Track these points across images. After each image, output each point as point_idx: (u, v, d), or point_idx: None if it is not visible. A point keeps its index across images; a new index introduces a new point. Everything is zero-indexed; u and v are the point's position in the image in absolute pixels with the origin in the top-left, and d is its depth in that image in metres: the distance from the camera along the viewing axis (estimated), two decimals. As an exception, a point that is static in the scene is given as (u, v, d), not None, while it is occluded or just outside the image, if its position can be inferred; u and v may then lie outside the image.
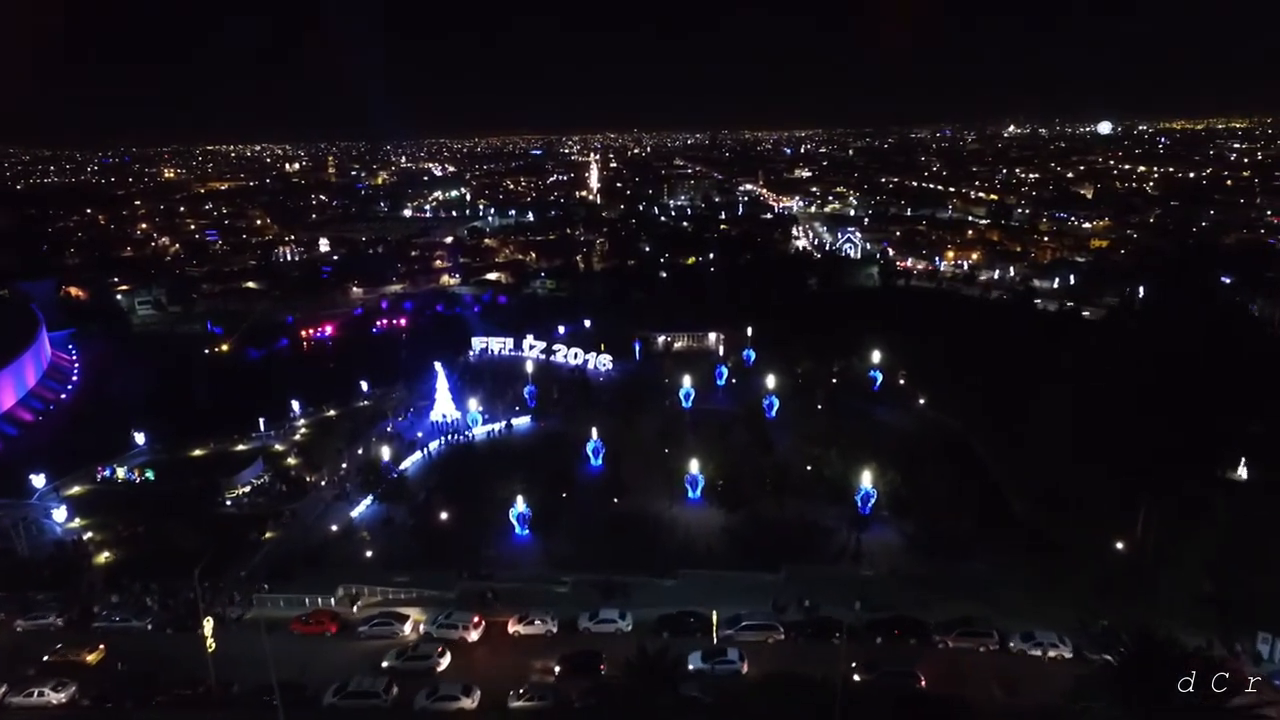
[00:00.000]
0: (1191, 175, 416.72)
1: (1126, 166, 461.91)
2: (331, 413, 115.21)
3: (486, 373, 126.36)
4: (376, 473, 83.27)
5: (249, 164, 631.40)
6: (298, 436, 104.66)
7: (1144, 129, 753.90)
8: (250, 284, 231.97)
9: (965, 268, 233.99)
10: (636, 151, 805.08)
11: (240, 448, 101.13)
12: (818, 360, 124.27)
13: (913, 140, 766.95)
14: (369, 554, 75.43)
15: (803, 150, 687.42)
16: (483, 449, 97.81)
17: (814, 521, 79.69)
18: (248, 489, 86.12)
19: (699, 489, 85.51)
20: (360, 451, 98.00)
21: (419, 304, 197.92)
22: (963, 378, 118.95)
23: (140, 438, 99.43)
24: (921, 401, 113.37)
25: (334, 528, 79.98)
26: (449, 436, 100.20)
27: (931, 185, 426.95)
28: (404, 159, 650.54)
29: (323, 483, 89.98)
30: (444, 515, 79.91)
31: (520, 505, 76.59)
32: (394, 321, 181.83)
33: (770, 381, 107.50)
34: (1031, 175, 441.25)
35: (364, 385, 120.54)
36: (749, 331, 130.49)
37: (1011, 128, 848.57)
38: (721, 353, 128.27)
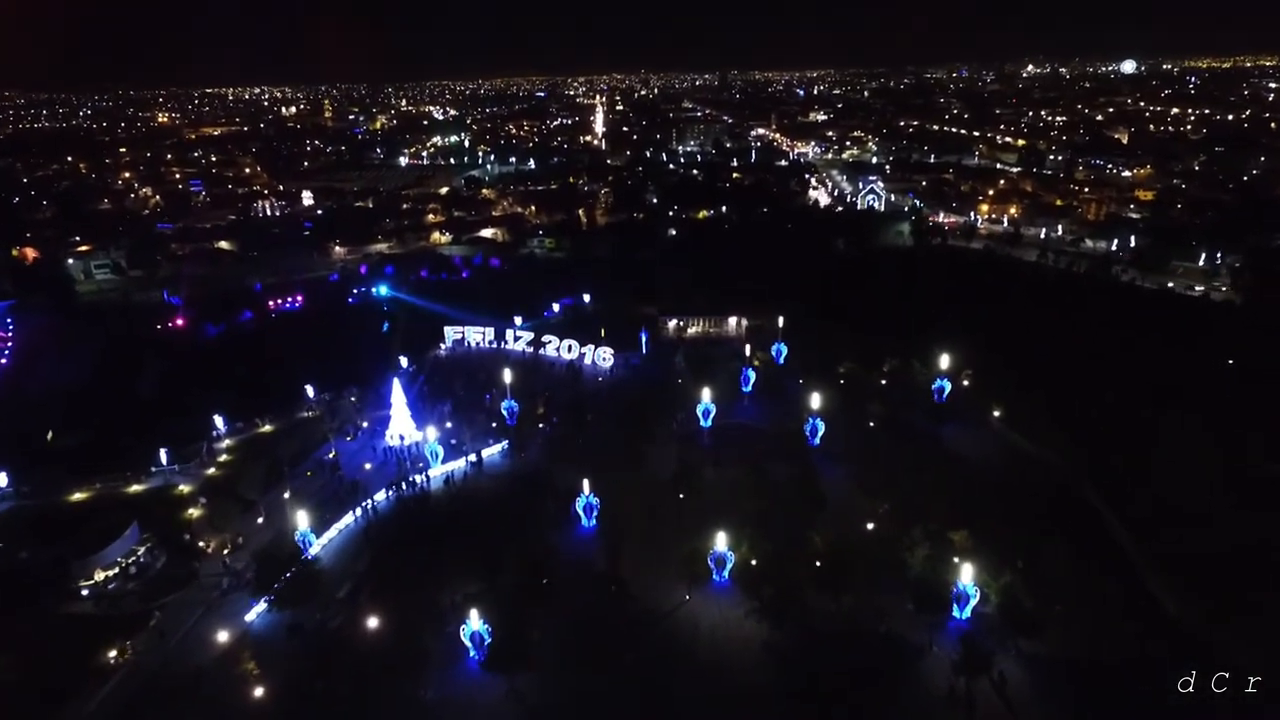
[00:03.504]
0: (1230, 117, 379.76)
1: (1158, 108, 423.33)
2: (266, 428, 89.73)
3: (460, 373, 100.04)
4: (279, 562, 57.65)
5: (246, 108, 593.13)
6: (212, 470, 79.13)
7: (1169, 67, 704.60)
8: (223, 244, 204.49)
9: (1005, 224, 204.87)
10: (643, 94, 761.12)
11: (135, 488, 75.94)
12: (862, 356, 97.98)
13: (929, 81, 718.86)
14: (258, 692, 50.80)
15: (815, 91, 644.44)
16: (440, 502, 71.33)
17: (891, 633, 54.51)
18: (114, 571, 60.96)
19: (727, 569, 60.42)
20: (286, 495, 72.90)
21: (401, 268, 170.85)
22: (1044, 382, 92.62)
23: (2, 478, 74.21)
24: (996, 415, 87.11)
25: (222, 638, 55.06)
26: (397, 486, 73.74)
27: (953, 129, 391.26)
28: (404, 102, 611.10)
29: (225, 551, 64.98)
30: (372, 623, 55.01)
31: (474, 622, 51.40)
32: (369, 289, 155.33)
33: (814, 400, 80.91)
34: (1059, 118, 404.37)
35: (309, 391, 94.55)
36: (780, 322, 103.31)
37: (1030, 67, 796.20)
38: (746, 351, 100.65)
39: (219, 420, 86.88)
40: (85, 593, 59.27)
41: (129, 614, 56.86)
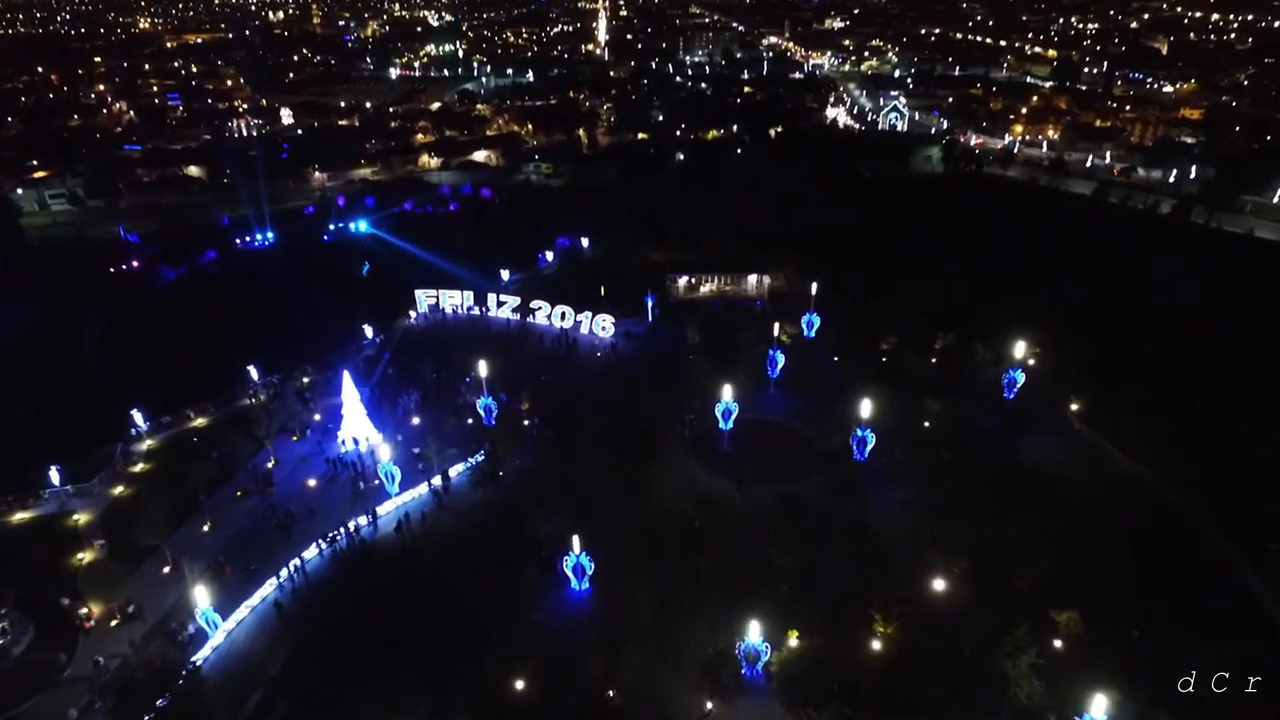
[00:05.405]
0: (1278, 24, 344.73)
1: (1198, 14, 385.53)
2: (199, 420, 72.80)
3: (432, 352, 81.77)
4: (149, 686, 41.09)
5: (232, 12, 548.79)
6: (120, 489, 62.56)
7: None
8: (192, 169, 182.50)
9: (1045, 148, 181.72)
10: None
11: (20, 516, 59.65)
12: (905, 325, 79.50)
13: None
14: None
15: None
16: (390, 555, 54.11)
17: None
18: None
19: (761, 663, 44.53)
20: (205, 527, 56.64)
21: (383, 199, 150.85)
22: (1125, 364, 74.66)
23: None
24: (1074, 409, 69.81)
25: (83, 774, 39.77)
26: (337, 534, 55.59)
27: (978, 38, 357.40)
28: (398, 6, 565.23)
29: (114, 622, 49.12)
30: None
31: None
32: (346, 225, 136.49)
33: (863, 409, 62.99)
34: (1090, 25, 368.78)
35: (254, 373, 76.82)
36: (813, 289, 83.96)
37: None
38: (775, 330, 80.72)
39: (139, 416, 69.71)
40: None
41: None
